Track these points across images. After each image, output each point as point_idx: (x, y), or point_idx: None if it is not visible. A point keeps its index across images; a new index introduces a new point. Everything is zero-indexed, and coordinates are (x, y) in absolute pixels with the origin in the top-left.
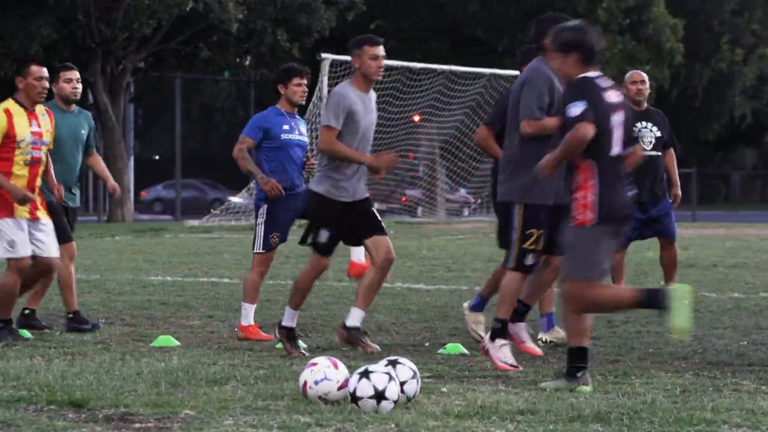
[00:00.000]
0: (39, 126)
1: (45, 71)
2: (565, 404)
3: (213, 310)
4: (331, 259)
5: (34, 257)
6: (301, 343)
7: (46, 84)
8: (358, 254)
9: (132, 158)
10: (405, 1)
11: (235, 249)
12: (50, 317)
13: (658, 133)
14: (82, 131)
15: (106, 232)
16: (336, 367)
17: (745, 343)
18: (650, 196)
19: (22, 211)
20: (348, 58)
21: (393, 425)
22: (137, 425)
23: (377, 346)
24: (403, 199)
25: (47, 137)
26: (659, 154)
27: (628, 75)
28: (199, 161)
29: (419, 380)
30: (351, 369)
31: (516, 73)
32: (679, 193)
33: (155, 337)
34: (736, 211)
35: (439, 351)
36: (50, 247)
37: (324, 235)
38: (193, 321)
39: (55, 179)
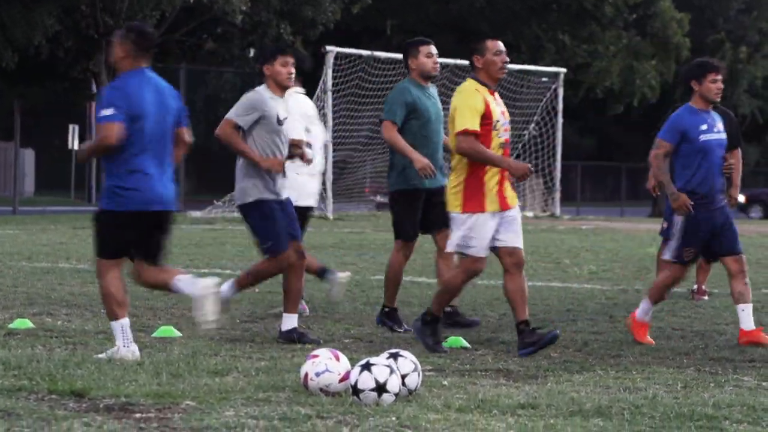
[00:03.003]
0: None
1: (501, 45)
2: (566, 398)
3: None
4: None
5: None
6: None
7: (506, 57)
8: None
9: None
10: None
11: (237, 241)
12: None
13: None
14: (439, 107)
15: None
16: (337, 359)
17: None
18: None
19: (492, 204)
20: (352, 50)
21: (394, 418)
22: (138, 415)
23: None
24: None
25: (508, 117)
26: None
27: None
28: (202, 152)
29: (420, 373)
30: (352, 361)
31: (519, 67)
32: (737, 195)
33: (157, 327)
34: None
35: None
36: (515, 239)
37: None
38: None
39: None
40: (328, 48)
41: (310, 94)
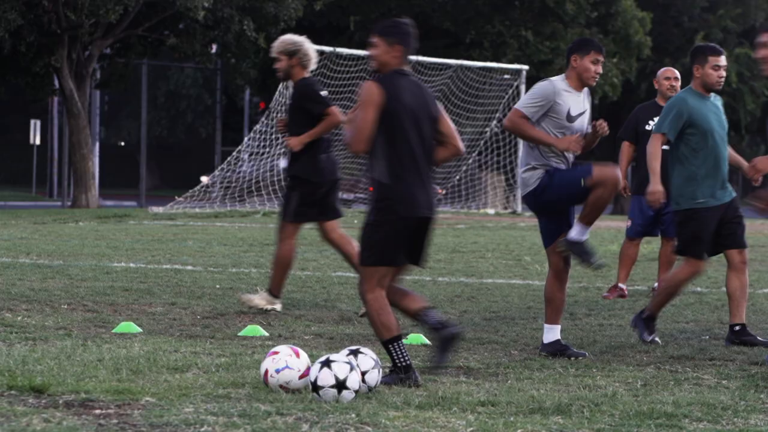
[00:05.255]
0: None
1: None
2: (526, 396)
3: (176, 297)
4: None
5: None
6: None
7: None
8: None
9: (98, 144)
10: None
11: (198, 236)
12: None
13: None
14: (724, 118)
15: (69, 218)
16: (297, 355)
17: (707, 337)
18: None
19: None
20: (314, 47)
21: (354, 415)
22: (98, 411)
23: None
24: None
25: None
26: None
27: (661, 71)
28: (164, 148)
29: (380, 370)
30: (312, 358)
31: (482, 64)
32: None
33: (117, 323)
34: None
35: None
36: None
37: None
38: (155, 308)
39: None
40: None
41: (273, 88)
